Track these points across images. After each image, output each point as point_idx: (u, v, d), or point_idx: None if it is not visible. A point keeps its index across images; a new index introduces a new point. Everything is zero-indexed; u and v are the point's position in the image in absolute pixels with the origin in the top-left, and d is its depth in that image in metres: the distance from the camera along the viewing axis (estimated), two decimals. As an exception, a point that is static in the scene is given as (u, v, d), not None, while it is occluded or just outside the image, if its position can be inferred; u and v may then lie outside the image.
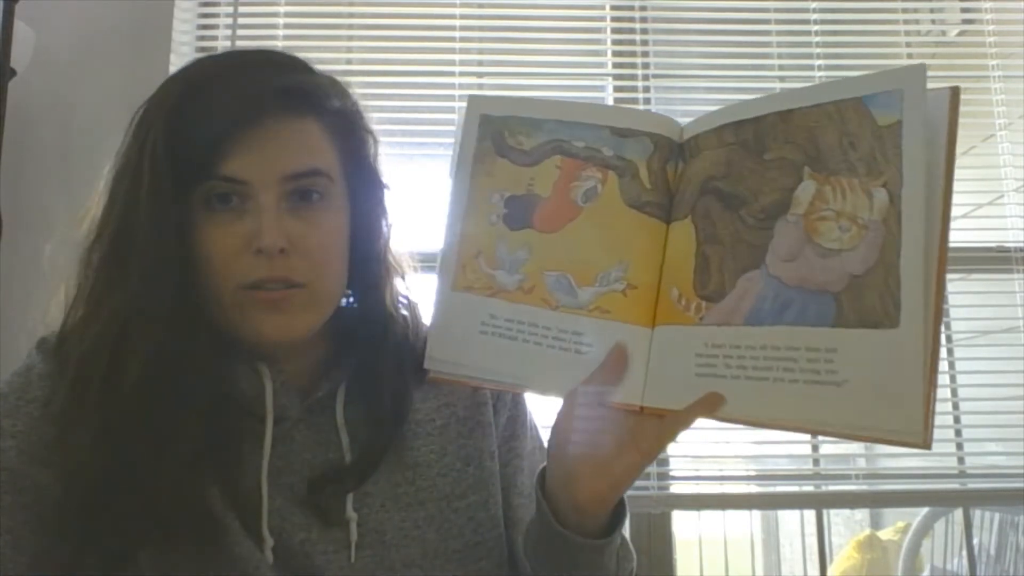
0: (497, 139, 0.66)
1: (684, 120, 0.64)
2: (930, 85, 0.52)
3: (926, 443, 0.48)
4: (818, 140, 0.55)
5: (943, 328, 1.68)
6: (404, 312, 0.73)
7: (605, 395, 0.60)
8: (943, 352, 1.69)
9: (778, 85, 1.78)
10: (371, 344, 0.69)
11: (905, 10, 1.84)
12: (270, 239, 0.60)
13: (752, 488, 1.87)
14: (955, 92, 0.52)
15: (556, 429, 0.63)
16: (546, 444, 0.66)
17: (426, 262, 0.76)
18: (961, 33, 1.86)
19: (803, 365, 0.53)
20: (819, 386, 0.52)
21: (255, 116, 0.60)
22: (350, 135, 0.68)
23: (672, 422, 0.59)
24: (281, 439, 0.65)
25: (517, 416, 0.77)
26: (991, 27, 1.78)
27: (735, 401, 0.56)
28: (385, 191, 0.71)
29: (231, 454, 0.63)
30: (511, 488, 0.74)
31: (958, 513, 2.04)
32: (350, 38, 1.78)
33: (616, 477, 0.60)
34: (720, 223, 0.59)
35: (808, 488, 1.67)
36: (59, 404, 0.61)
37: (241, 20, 1.74)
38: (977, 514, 2.05)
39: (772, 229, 0.56)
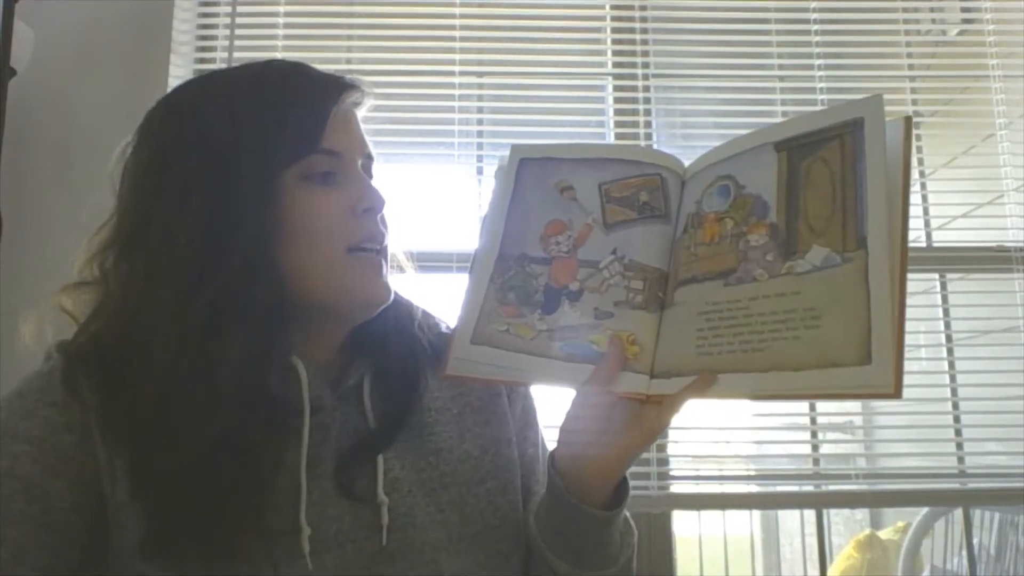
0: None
1: (685, 119, 0.66)
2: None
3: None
4: None
5: (943, 328, 1.70)
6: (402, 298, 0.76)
7: (612, 386, 0.65)
8: (943, 352, 1.70)
9: (778, 85, 1.78)
10: (382, 328, 0.72)
11: (905, 10, 1.84)
12: (379, 198, 0.67)
13: (752, 488, 1.88)
14: (908, 121, 0.58)
15: (569, 416, 0.68)
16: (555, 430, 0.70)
17: (422, 262, 0.79)
18: (961, 33, 1.86)
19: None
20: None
21: (339, 97, 0.67)
22: None
23: (669, 404, 0.65)
24: (316, 429, 0.66)
25: (529, 407, 0.81)
26: (991, 27, 1.78)
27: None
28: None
29: (272, 450, 0.63)
30: (531, 476, 0.77)
31: (958, 513, 2.04)
32: (350, 38, 1.78)
33: (621, 456, 0.66)
34: None
35: (808, 488, 1.67)
36: (99, 407, 0.61)
37: (240, 20, 1.74)
38: (977, 514, 2.05)
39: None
